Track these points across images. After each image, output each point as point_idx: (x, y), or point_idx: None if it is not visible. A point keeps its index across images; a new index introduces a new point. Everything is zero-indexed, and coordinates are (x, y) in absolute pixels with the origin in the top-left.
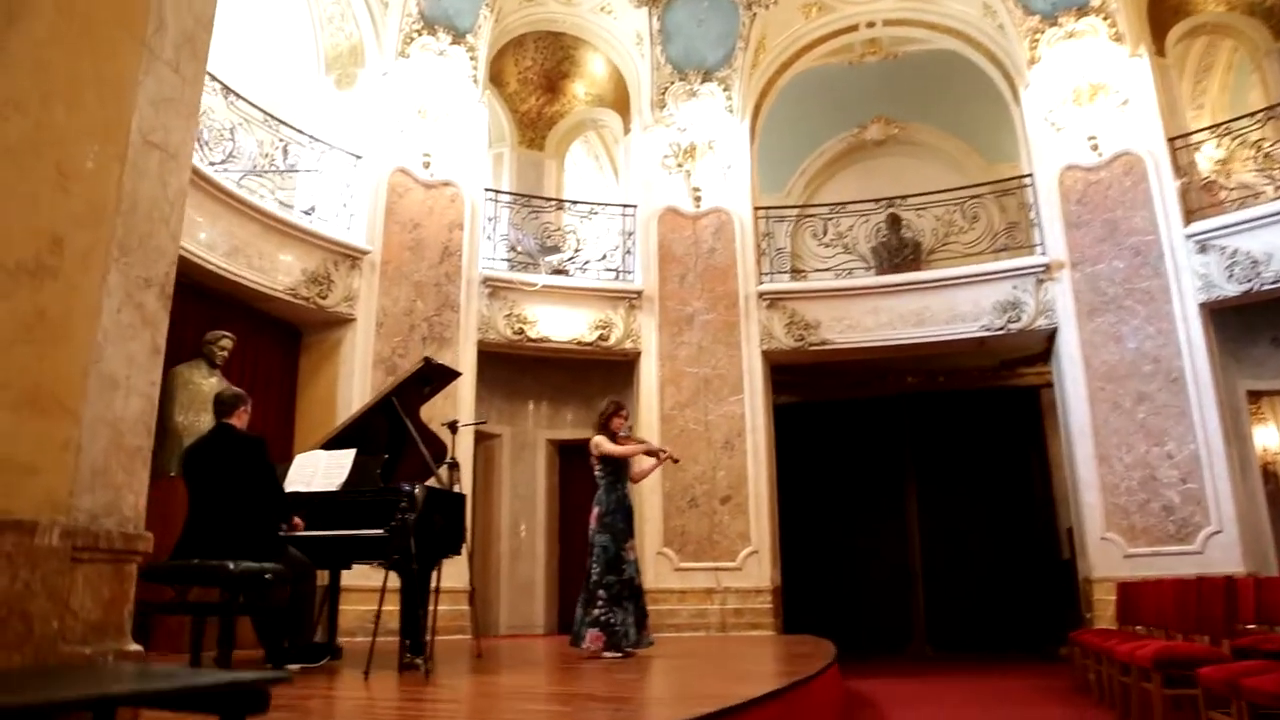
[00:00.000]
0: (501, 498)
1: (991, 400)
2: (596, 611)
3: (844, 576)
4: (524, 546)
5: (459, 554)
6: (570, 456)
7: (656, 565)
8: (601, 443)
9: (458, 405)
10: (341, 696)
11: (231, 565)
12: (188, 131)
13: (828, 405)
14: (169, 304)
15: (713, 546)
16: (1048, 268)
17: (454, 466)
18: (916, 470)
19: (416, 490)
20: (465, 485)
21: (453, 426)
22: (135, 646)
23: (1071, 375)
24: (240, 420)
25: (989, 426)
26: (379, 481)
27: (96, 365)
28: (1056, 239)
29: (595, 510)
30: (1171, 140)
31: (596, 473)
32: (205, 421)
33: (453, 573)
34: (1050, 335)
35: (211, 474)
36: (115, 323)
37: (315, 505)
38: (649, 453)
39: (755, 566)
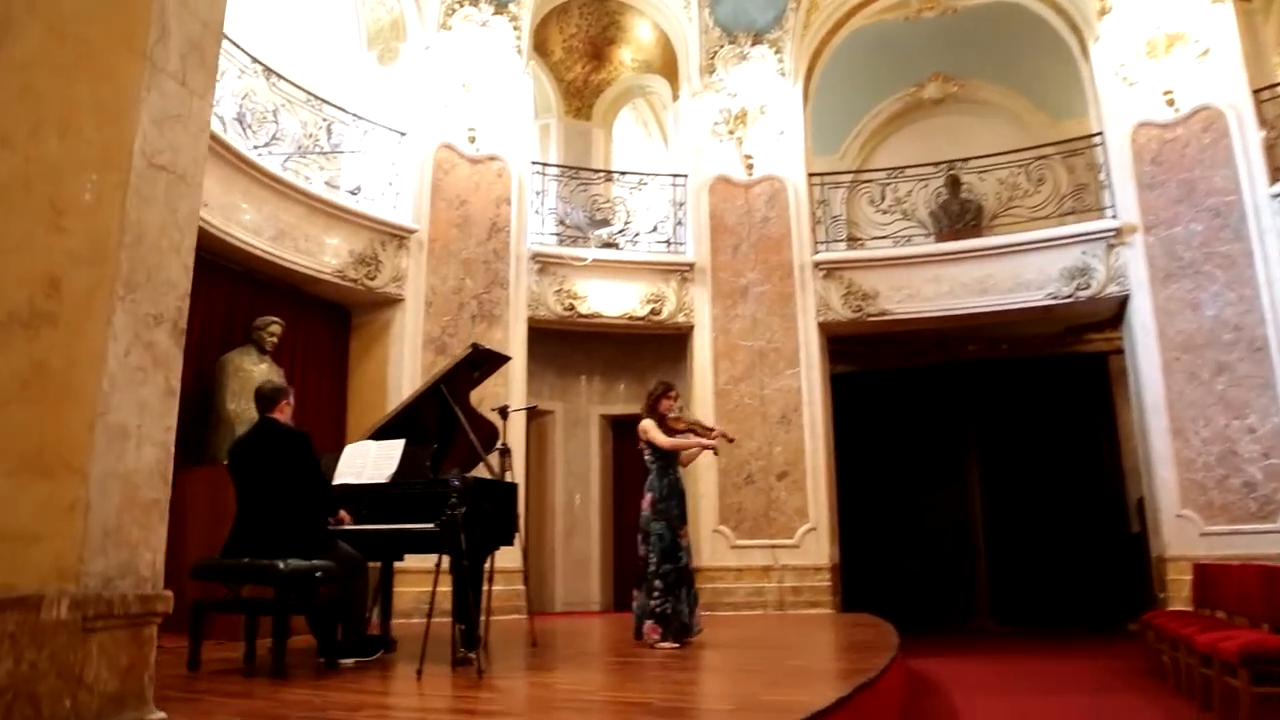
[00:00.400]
0: (555, 474)
1: (1057, 368)
2: (653, 603)
3: (904, 550)
4: (579, 523)
5: (511, 544)
6: (623, 431)
7: (713, 543)
8: (649, 429)
9: (510, 384)
10: (395, 705)
11: (282, 564)
12: (197, 149)
13: (885, 374)
14: (183, 339)
15: (769, 523)
16: (1119, 232)
17: (505, 453)
18: (978, 440)
19: (466, 482)
20: (518, 464)
21: (503, 412)
22: (158, 714)
23: (1144, 345)
24: (284, 414)
25: (1054, 395)
26: (428, 472)
27: (104, 417)
28: (1129, 201)
29: (648, 496)
30: (1256, 92)
31: (646, 458)
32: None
33: (507, 552)
34: (1121, 303)
35: (257, 470)
36: (123, 367)
37: (365, 497)
38: (702, 434)
39: (813, 543)
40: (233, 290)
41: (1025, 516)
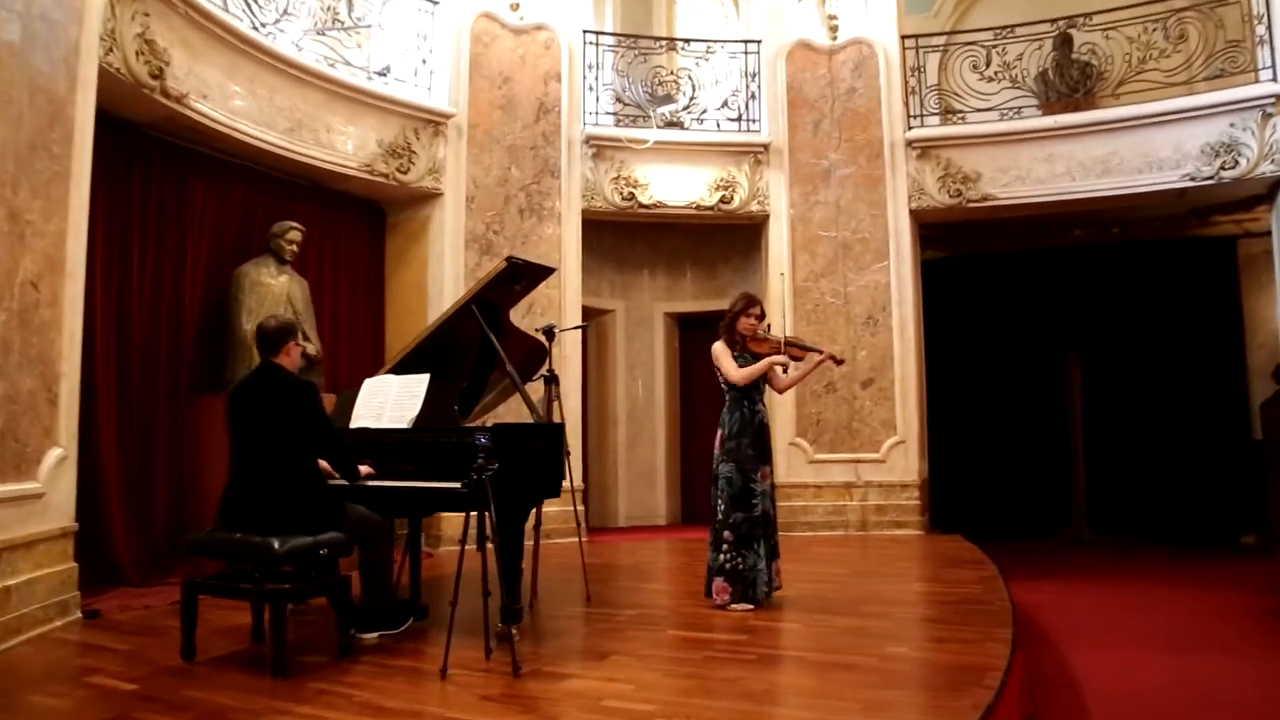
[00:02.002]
0: (616, 378)
1: (1176, 253)
2: (723, 557)
3: (995, 456)
4: (643, 431)
5: (556, 494)
6: (691, 329)
7: (789, 457)
8: (719, 356)
9: (563, 285)
10: None
11: (277, 544)
12: None
13: (975, 261)
14: None
15: (852, 436)
16: (1278, 99)
17: (552, 381)
18: (1080, 335)
19: (496, 435)
20: (574, 367)
21: (549, 333)
22: None
23: None
24: (289, 358)
25: (1170, 284)
26: (456, 417)
27: None
28: None
29: (719, 434)
30: None
31: (722, 384)
32: None
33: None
34: (1275, 184)
35: (257, 424)
36: None
37: (386, 445)
38: (796, 357)
39: (901, 458)
40: (247, 193)
41: (1130, 419)
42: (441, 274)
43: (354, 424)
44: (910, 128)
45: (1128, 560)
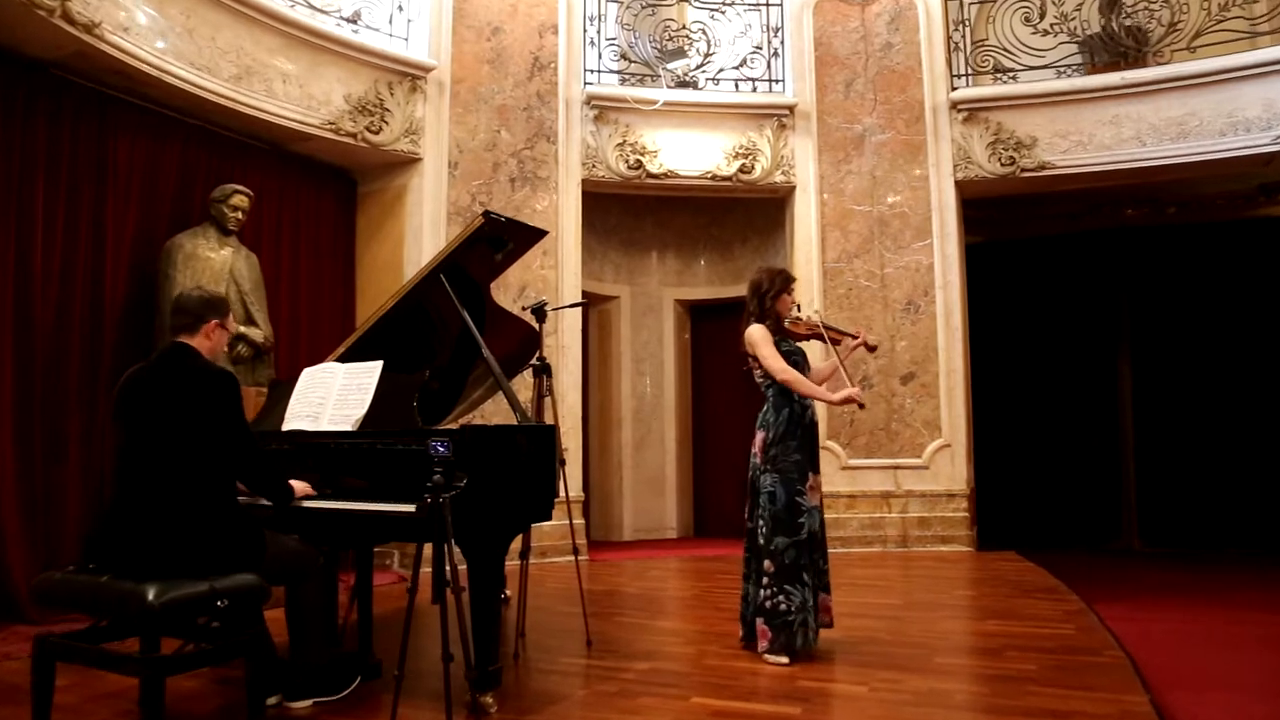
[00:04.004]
0: (621, 374)
1: (1240, 235)
2: (764, 594)
3: (1036, 456)
4: (650, 433)
5: (547, 517)
6: (704, 319)
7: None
8: (759, 342)
9: (560, 264)
10: None
11: (152, 593)
12: None
13: (1015, 246)
14: None
15: (891, 439)
16: None
17: (543, 371)
18: (1132, 326)
19: (461, 438)
20: (572, 360)
21: (539, 313)
22: None
23: None
24: (209, 340)
25: (1234, 269)
26: (414, 416)
27: None
28: None
29: (758, 436)
30: None
31: (757, 377)
32: None
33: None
34: None
35: (150, 423)
36: None
37: (330, 454)
38: (835, 342)
39: (946, 464)
40: (186, 152)
41: (1186, 418)
42: (420, 251)
43: (287, 425)
44: (955, 88)
45: (1193, 575)
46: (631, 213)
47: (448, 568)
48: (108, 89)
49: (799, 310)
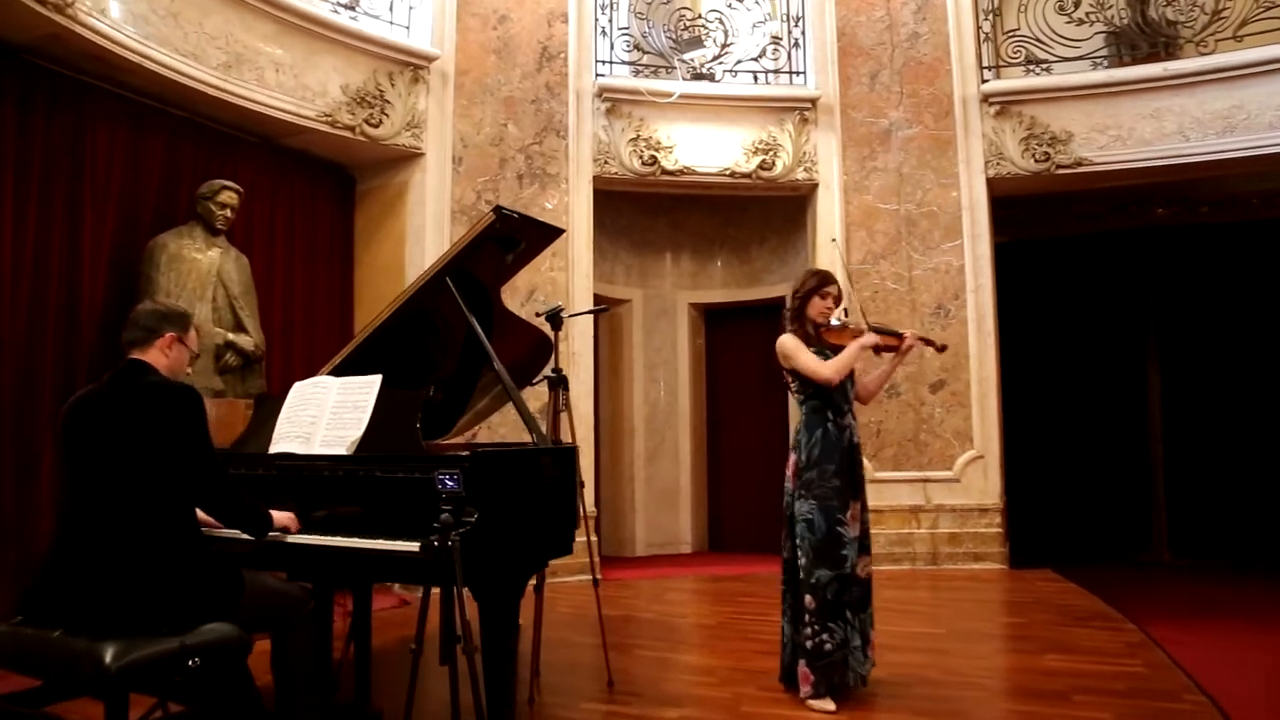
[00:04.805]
0: (633, 381)
1: (1273, 236)
2: (805, 632)
3: (1062, 466)
4: (664, 444)
5: (568, 551)
6: (720, 323)
7: None
8: (792, 351)
9: (570, 265)
10: None
11: (109, 654)
12: None
13: (1038, 247)
14: None
15: (920, 450)
16: None
17: (559, 384)
18: (1160, 330)
19: (473, 466)
20: (583, 368)
21: (554, 320)
22: None
23: None
24: (165, 358)
25: (1268, 271)
26: (417, 439)
27: None
28: None
29: (790, 459)
30: None
31: (792, 390)
32: (202, 312)
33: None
34: None
35: (101, 451)
36: None
37: (323, 481)
38: (883, 347)
39: (979, 477)
40: (172, 145)
41: (1216, 426)
42: (422, 253)
43: (275, 446)
44: (986, 80)
45: (1240, 592)
46: (643, 212)
47: (458, 621)
48: (85, 76)
49: (845, 314)
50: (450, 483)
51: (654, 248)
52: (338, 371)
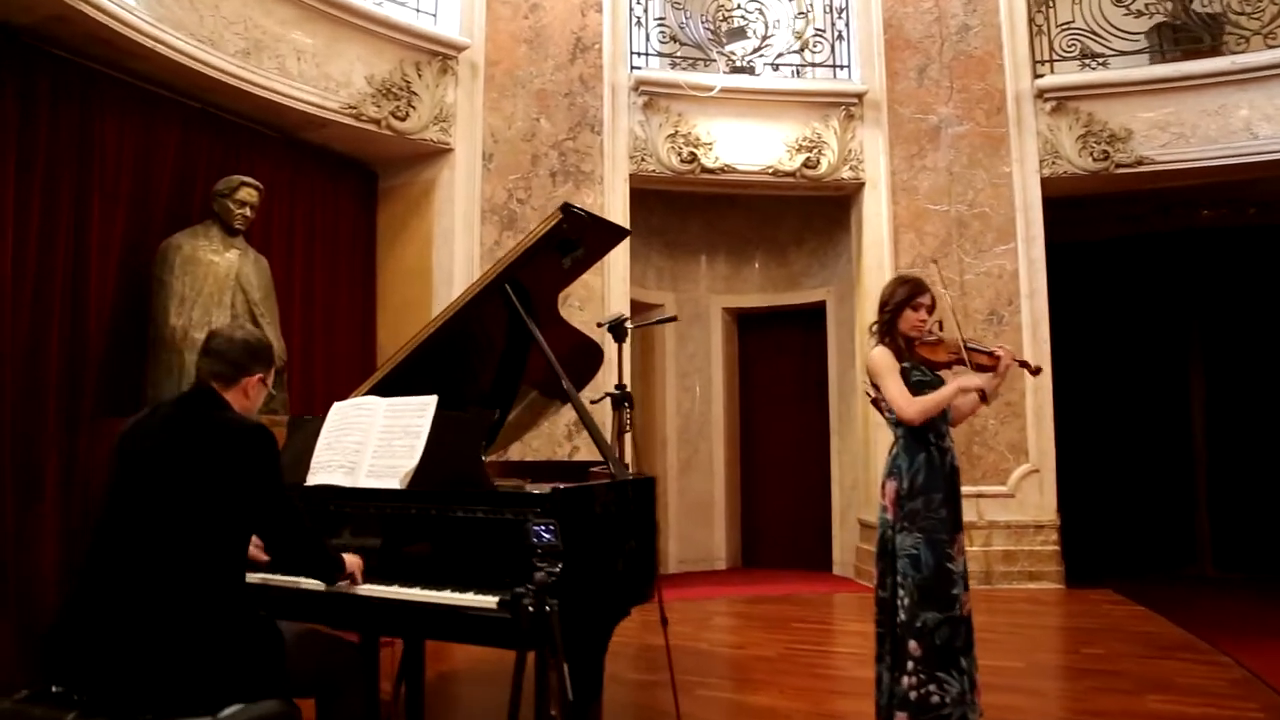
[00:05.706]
0: (665, 390)
1: None
2: (907, 681)
3: (1112, 477)
4: (697, 456)
5: (648, 598)
6: (756, 328)
7: None
8: (883, 371)
9: (607, 270)
10: None
11: None
12: None
13: (1077, 250)
14: None
15: (973, 464)
16: None
17: (623, 402)
18: (1204, 337)
19: (564, 507)
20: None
21: (617, 331)
22: None
23: None
24: (246, 399)
25: None
26: (483, 471)
27: None
28: None
29: (889, 487)
30: None
31: (884, 412)
32: (219, 319)
33: None
34: None
35: (158, 488)
36: None
37: (369, 518)
38: (983, 366)
39: (1034, 492)
40: (187, 139)
41: (1261, 436)
42: (450, 256)
43: (313, 479)
44: (1040, 74)
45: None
46: (676, 212)
47: (556, 696)
48: (92, 62)
49: (940, 328)
50: (547, 535)
51: (687, 249)
52: (380, 389)
